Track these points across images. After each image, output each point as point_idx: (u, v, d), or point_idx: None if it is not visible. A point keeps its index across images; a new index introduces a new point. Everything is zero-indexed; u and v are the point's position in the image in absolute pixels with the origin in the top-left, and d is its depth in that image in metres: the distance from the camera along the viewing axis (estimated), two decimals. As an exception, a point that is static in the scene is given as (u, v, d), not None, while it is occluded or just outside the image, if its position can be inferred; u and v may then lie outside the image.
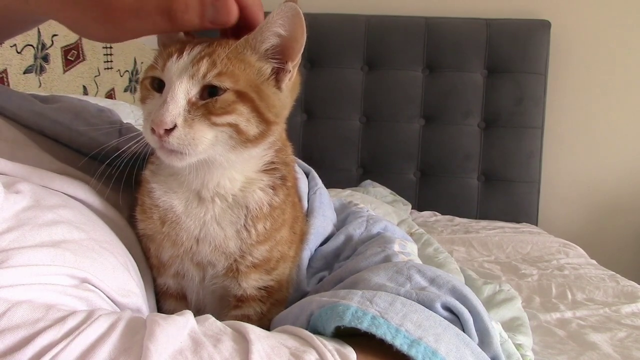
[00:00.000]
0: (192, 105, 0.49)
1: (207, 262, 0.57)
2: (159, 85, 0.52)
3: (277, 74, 0.54)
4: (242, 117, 0.50)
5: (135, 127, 0.70)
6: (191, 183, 0.55)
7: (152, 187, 0.57)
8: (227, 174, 0.55)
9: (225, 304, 0.61)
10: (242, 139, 0.51)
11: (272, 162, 0.58)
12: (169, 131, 0.48)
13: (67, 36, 1.50)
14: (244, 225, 0.56)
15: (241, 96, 0.50)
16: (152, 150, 0.53)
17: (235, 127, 0.50)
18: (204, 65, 0.49)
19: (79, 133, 0.64)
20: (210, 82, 0.49)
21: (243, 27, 0.53)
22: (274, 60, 0.53)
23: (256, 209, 0.56)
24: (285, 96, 0.55)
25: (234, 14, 0.50)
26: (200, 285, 0.60)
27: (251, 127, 0.51)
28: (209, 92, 0.50)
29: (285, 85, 0.54)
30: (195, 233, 0.56)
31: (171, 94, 0.49)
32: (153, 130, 0.49)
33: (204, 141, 0.49)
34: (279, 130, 0.56)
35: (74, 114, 0.64)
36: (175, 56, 0.51)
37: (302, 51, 0.53)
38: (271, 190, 0.58)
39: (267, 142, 0.55)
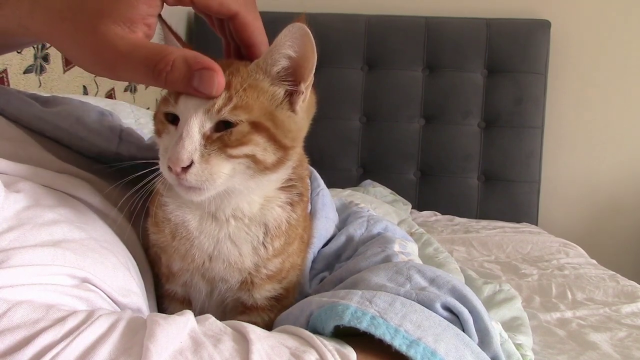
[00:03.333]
0: (207, 139, 0.48)
1: (220, 278, 0.57)
2: (173, 118, 0.51)
3: (291, 97, 0.53)
4: (259, 146, 0.50)
5: (135, 130, 0.71)
6: (207, 206, 0.54)
7: (165, 200, 0.56)
8: (246, 198, 0.54)
9: (230, 310, 0.61)
10: (260, 168, 0.50)
11: (290, 180, 0.57)
12: (186, 168, 0.47)
13: (67, 36, 1.50)
14: (262, 242, 0.56)
15: (256, 126, 0.49)
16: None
17: (252, 157, 0.49)
18: (220, 100, 0.48)
19: (80, 138, 0.63)
20: (226, 117, 0.48)
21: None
22: (286, 83, 0.52)
23: (275, 228, 0.56)
24: (300, 118, 0.54)
25: (219, 88, 0.48)
26: (207, 298, 0.60)
27: (268, 156, 0.50)
28: (224, 122, 0.49)
29: (299, 107, 0.53)
30: (209, 251, 0.55)
31: (186, 130, 0.48)
32: (170, 168, 0.48)
33: (222, 175, 0.48)
34: (297, 153, 0.55)
35: (75, 119, 0.63)
36: None
37: (313, 71, 0.52)
38: (289, 207, 0.57)
39: (286, 167, 0.54)
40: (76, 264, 0.43)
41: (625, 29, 2.11)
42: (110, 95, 1.81)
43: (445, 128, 2.12)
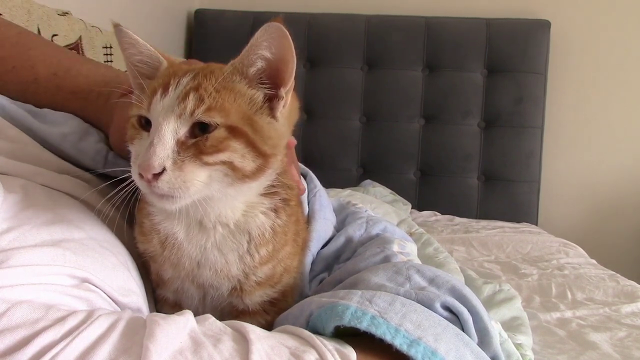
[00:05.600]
0: (181, 145, 0.47)
1: (209, 285, 0.57)
2: (146, 123, 0.50)
3: (271, 102, 0.51)
4: (237, 153, 0.48)
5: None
6: (191, 214, 0.52)
7: (152, 210, 0.55)
8: (228, 204, 0.53)
9: (227, 314, 0.61)
10: (238, 176, 0.49)
11: (273, 186, 0.55)
12: (157, 175, 0.45)
13: (67, 36, 1.50)
14: (247, 250, 0.55)
15: (233, 131, 0.48)
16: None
17: (229, 164, 0.48)
18: (190, 102, 0.47)
19: (68, 155, 0.63)
20: (200, 119, 0.47)
21: None
22: (265, 86, 0.51)
23: (259, 236, 0.55)
24: (281, 125, 0.52)
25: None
26: (201, 303, 0.59)
27: (247, 163, 0.49)
28: (200, 127, 0.47)
29: (280, 113, 0.51)
30: (197, 259, 0.55)
31: (158, 136, 0.46)
32: (141, 175, 0.46)
33: (196, 183, 0.47)
34: (278, 161, 0.54)
35: (61, 136, 0.63)
36: (159, 93, 0.48)
37: (293, 75, 0.50)
38: (273, 213, 0.56)
39: (266, 175, 0.53)
40: (76, 263, 0.43)
41: (625, 29, 2.10)
42: (110, 95, 1.80)
43: (445, 128, 2.12)
